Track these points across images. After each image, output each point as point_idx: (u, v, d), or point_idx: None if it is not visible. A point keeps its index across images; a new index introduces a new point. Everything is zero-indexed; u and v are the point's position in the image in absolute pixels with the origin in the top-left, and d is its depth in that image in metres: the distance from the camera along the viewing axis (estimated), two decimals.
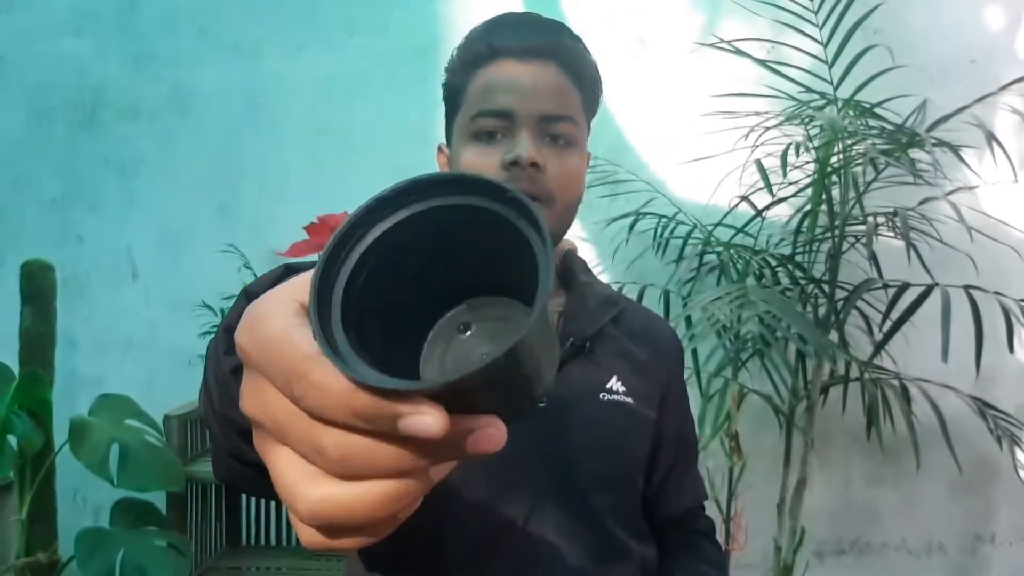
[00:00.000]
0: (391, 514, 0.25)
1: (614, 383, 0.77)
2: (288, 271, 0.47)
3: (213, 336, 0.49)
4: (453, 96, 0.77)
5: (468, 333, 0.30)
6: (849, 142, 1.59)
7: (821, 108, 1.74)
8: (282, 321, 0.26)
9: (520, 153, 0.68)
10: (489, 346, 0.30)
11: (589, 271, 0.88)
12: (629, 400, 0.77)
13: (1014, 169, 1.64)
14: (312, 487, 0.25)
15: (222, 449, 0.49)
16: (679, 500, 0.86)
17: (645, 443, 0.80)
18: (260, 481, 0.46)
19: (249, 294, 0.47)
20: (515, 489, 0.70)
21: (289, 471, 0.25)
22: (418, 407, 0.23)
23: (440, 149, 0.83)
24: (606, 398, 0.76)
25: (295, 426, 0.25)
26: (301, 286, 0.27)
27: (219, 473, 0.55)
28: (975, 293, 1.57)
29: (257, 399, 0.26)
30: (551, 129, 0.71)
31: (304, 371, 0.24)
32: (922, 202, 1.80)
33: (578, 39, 0.77)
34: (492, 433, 0.25)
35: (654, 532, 0.83)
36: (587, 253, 2.11)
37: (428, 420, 0.23)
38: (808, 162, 1.81)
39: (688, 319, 1.76)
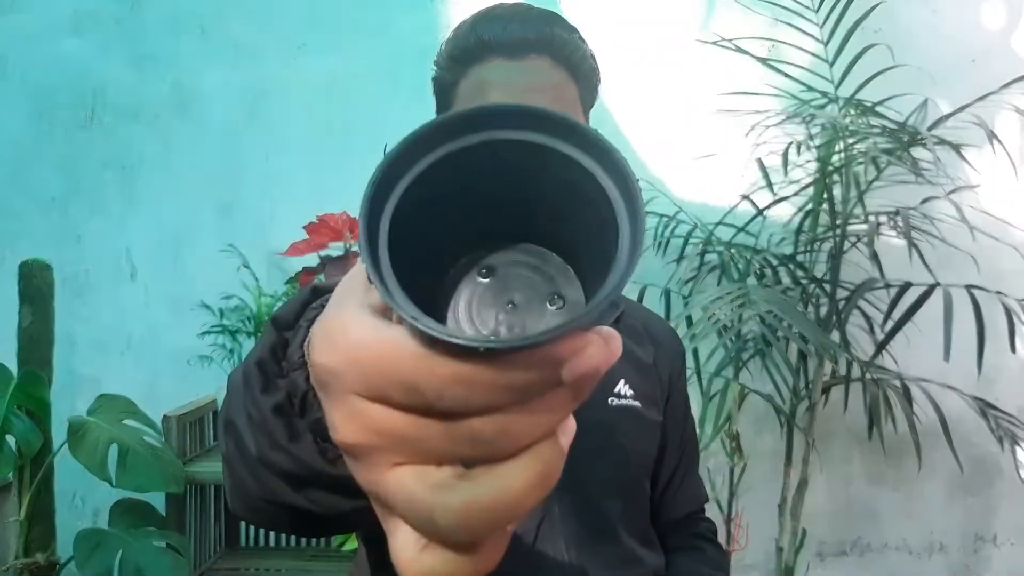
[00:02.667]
0: (548, 486, 0.23)
1: (621, 386, 0.76)
2: (316, 293, 0.43)
3: (236, 375, 0.45)
4: (443, 93, 0.75)
5: (492, 278, 0.27)
6: (850, 141, 1.59)
7: (822, 107, 1.74)
8: (370, 327, 0.22)
9: None
10: (525, 294, 0.26)
11: None
12: (636, 404, 0.76)
13: (1015, 167, 1.64)
14: (454, 491, 0.22)
15: (253, 493, 0.44)
16: (682, 503, 0.86)
17: (652, 447, 0.79)
18: (290, 519, 0.44)
19: (277, 321, 0.42)
20: None
21: (420, 485, 0.22)
22: (579, 341, 0.21)
23: None
24: (615, 403, 0.75)
25: (429, 431, 0.22)
26: (360, 283, 0.25)
27: (245, 514, 0.50)
28: (977, 293, 1.56)
29: (362, 423, 0.23)
30: None
31: (430, 372, 0.21)
32: (924, 201, 1.79)
33: (573, 29, 0.74)
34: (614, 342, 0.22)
35: (657, 535, 0.82)
36: None
37: (596, 350, 0.21)
38: (809, 161, 1.81)
39: (689, 319, 1.76)
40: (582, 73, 0.73)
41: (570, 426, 0.24)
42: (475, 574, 0.23)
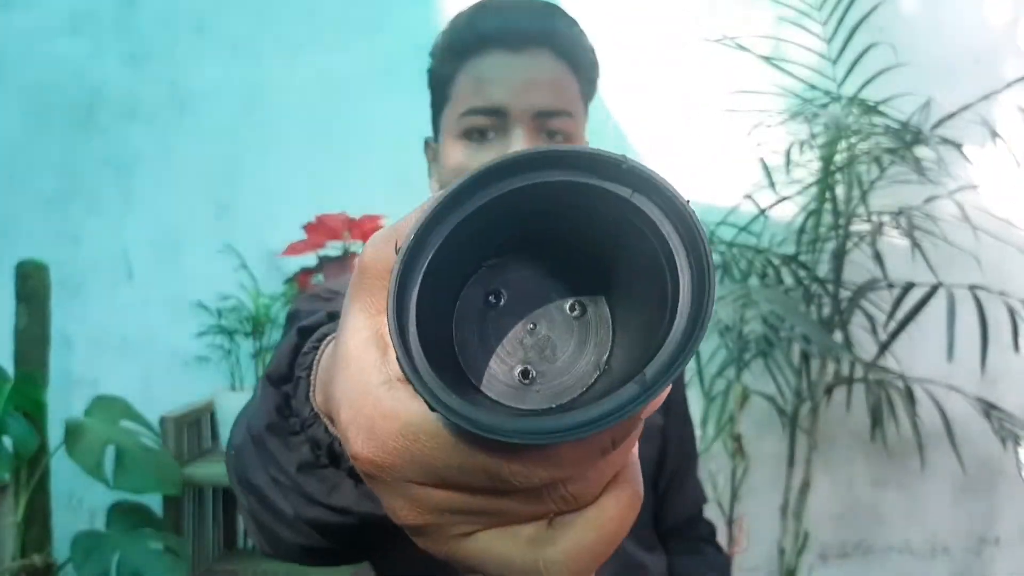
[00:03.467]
0: (639, 503, 0.23)
1: None
2: (302, 335, 0.41)
3: (239, 435, 0.44)
4: (439, 87, 0.72)
5: (503, 302, 0.24)
6: (853, 140, 1.58)
7: (825, 106, 1.73)
8: (417, 414, 0.20)
9: None
10: (543, 309, 0.24)
11: None
12: None
13: (1019, 167, 1.63)
14: (553, 542, 0.21)
15: (292, 544, 0.44)
16: (682, 506, 0.85)
17: (653, 450, 0.78)
18: (330, 557, 0.47)
19: (272, 378, 0.41)
20: None
21: (513, 546, 0.22)
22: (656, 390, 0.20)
23: (427, 144, 0.79)
24: None
25: (507, 504, 0.21)
26: (371, 347, 0.22)
27: (282, 558, 0.51)
28: (980, 293, 1.55)
29: (426, 507, 0.22)
30: (548, 125, 0.67)
31: (502, 464, 0.20)
32: (927, 201, 1.78)
33: (573, 21, 0.73)
34: None
35: (658, 539, 0.81)
36: None
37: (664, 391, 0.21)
38: (812, 160, 1.79)
39: None
40: (583, 68, 0.72)
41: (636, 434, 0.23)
42: None
